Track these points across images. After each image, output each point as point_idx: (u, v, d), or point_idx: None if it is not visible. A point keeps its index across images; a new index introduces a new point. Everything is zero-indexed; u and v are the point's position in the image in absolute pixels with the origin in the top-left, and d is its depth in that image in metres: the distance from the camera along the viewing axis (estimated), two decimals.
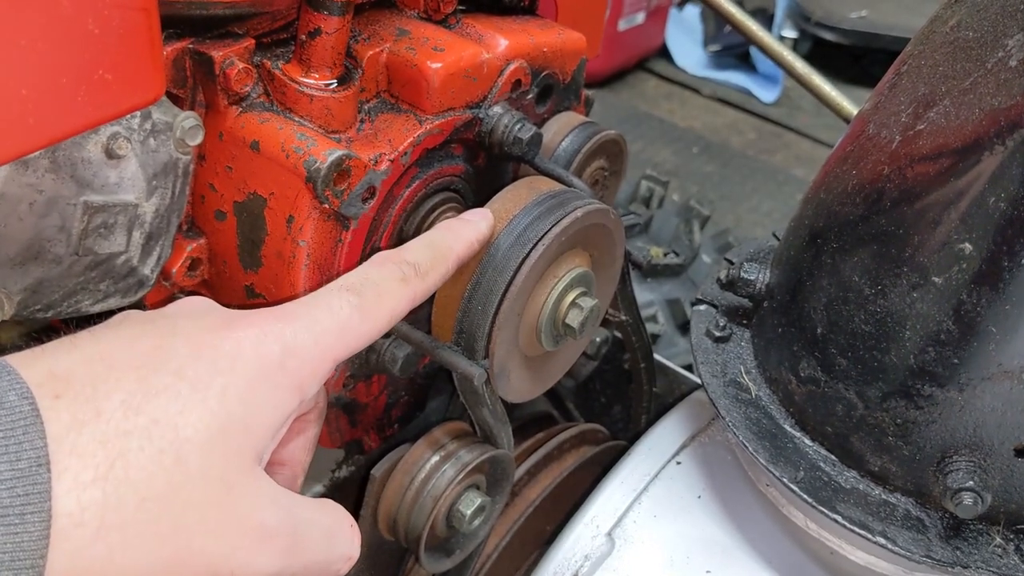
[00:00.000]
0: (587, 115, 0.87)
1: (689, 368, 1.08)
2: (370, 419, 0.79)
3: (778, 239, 0.79)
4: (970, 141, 0.52)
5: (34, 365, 0.43)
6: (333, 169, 0.62)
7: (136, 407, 0.44)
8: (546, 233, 0.63)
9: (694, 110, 2.93)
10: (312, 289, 0.67)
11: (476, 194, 0.77)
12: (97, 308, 0.65)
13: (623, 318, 0.87)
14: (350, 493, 0.85)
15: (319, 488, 0.82)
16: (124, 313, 0.51)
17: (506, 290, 0.62)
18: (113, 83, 0.49)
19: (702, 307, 0.74)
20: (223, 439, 0.45)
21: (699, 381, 0.98)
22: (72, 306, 0.63)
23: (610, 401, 1.09)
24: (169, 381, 0.45)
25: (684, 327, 1.23)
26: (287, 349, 0.49)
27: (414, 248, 0.60)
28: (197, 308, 0.53)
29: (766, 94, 3.02)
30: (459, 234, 0.62)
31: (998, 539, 0.60)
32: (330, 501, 0.54)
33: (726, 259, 0.77)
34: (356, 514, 0.78)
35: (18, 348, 0.96)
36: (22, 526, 0.38)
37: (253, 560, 0.46)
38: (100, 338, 0.47)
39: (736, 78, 3.10)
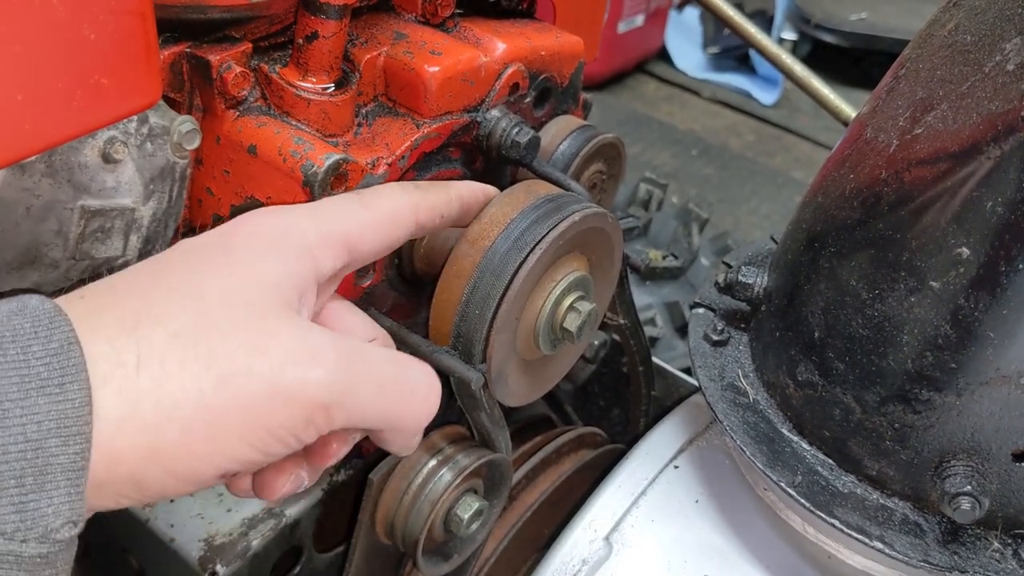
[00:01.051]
0: (585, 118, 0.87)
1: (688, 371, 1.08)
2: None
3: (776, 242, 0.79)
4: (967, 145, 0.52)
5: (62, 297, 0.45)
6: (330, 173, 0.62)
7: (149, 289, 0.45)
8: (543, 237, 0.63)
9: (693, 112, 2.93)
10: None
11: None
12: None
13: (621, 322, 0.87)
14: (347, 497, 0.85)
15: (317, 492, 0.82)
16: None
17: (504, 294, 0.62)
18: (109, 88, 0.49)
19: (700, 311, 0.74)
20: (240, 293, 0.46)
21: (697, 385, 0.98)
22: None
23: (608, 404, 1.09)
24: (181, 262, 0.47)
25: (683, 330, 1.23)
26: (288, 224, 0.50)
27: (432, 186, 0.61)
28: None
29: (766, 96, 3.02)
30: (459, 182, 0.64)
31: (996, 544, 0.60)
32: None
33: (724, 262, 0.77)
34: (354, 518, 0.78)
35: None
36: (63, 395, 0.39)
37: (310, 373, 0.44)
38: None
39: (736, 80, 3.10)
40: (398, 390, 0.49)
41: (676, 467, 0.74)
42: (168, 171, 0.63)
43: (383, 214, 0.55)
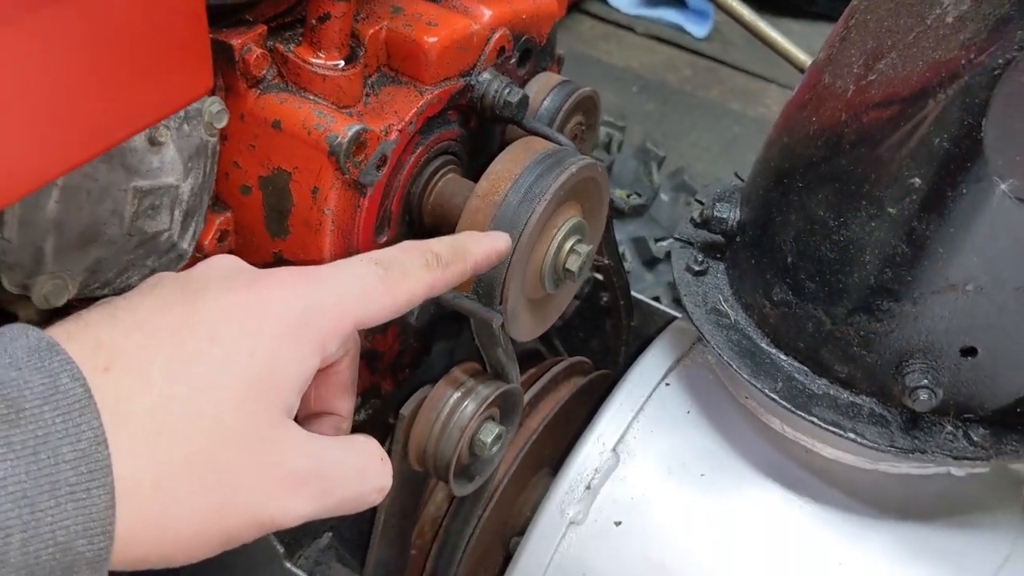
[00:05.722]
0: (559, 72, 0.94)
1: (657, 300, 1.18)
2: (386, 365, 0.87)
3: (740, 179, 0.87)
4: (916, 90, 0.61)
5: (81, 338, 0.47)
6: (353, 142, 0.69)
7: (176, 376, 0.48)
8: (548, 189, 0.71)
9: (630, 50, 2.99)
10: (337, 252, 0.74)
11: (470, 155, 0.84)
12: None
13: (606, 261, 0.95)
14: (370, 434, 0.92)
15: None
16: (156, 276, 0.55)
17: (517, 242, 0.70)
18: (175, 79, 0.55)
19: (680, 245, 0.83)
20: (254, 398, 0.50)
21: (671, 312, 1.07)
22: (124, 282, 0.69)
23: (588, 336, 1.18)
24: (203, 347, 0.49)
25: (649, 263, 1.32)
26: (310, 307, 0.53)
27: (438, 241, 0.63)
28: (225, 268, 0.57)
29: (697, 29, 3.08)
30: (480, 241, 0.66)
31: (949, 427, 0.70)
32: (360, 437, 0.59)
33: (696, 200, 0.85)
34: (381, 440, 0.87)
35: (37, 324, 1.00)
36: (89, 500, 0.43)
37: (289, 505, 0.51)
38: (136, 306, 0.51)
39: (668, 15, 3.16)
40: (356, 497, 0.56)
41: (667, 384, 0.83)
42: (202, 149, 0.69)
43: (401, 299, 0.57)
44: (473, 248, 0.64)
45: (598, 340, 1.17)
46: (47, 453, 0.42)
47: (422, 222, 0.80)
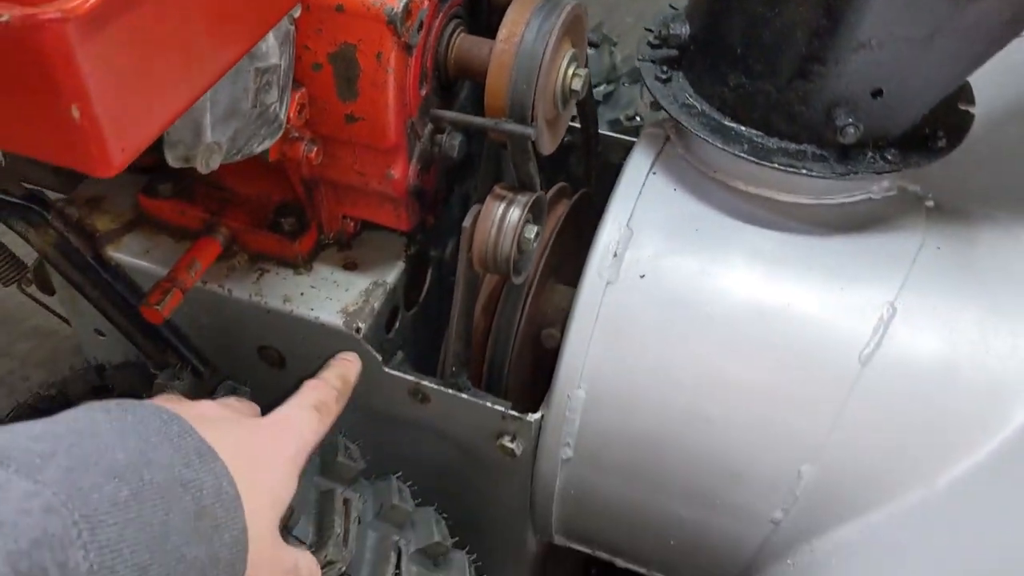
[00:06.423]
0: None
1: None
2: (429, 201, 1.08)
3: (674, 8, 1.10)
4: None
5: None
6: (404, 11, 0.88)
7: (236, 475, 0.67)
8: (555, 26, 0.92)
9: None
10: (397, 104, 0.93)
11: (470, 16, 1.04)
12: (259, 149, 0.89)
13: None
14: (420, 264, 1.14)
15: (401, 264, 1.11)
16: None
17: (539, 70, 0.91)
18: None
19: (646, 63, 1.06)
20: (272, 511, 0.73)
21: (626, 138, 1.31)
22: (248, 147, 0.87)
23: (555, 172, 1.41)
24: (251, 462, 0.71)
25: None
26: (298, 451, 0.79)
27: (333, 376, 0.90)
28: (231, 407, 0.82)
29: None
30: (352, 367, 0.95)
31: (870, 153, 0.96)
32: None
33: (646, 28, 1.08)
34: (422, 279, 1.08)
35: (112, 233, 1.17)
36: (234, 572, 0.64)
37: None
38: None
39: None
40: None
41: (654, 173, 1.06)
42: (287, 35, 0.87)
43: (326, 428, 0.84)
44: (351, 376, 0.94)
45: (564, 175, 1.40)
46: (218, 540, 0.62)
47: (447, 74, 1.00)
